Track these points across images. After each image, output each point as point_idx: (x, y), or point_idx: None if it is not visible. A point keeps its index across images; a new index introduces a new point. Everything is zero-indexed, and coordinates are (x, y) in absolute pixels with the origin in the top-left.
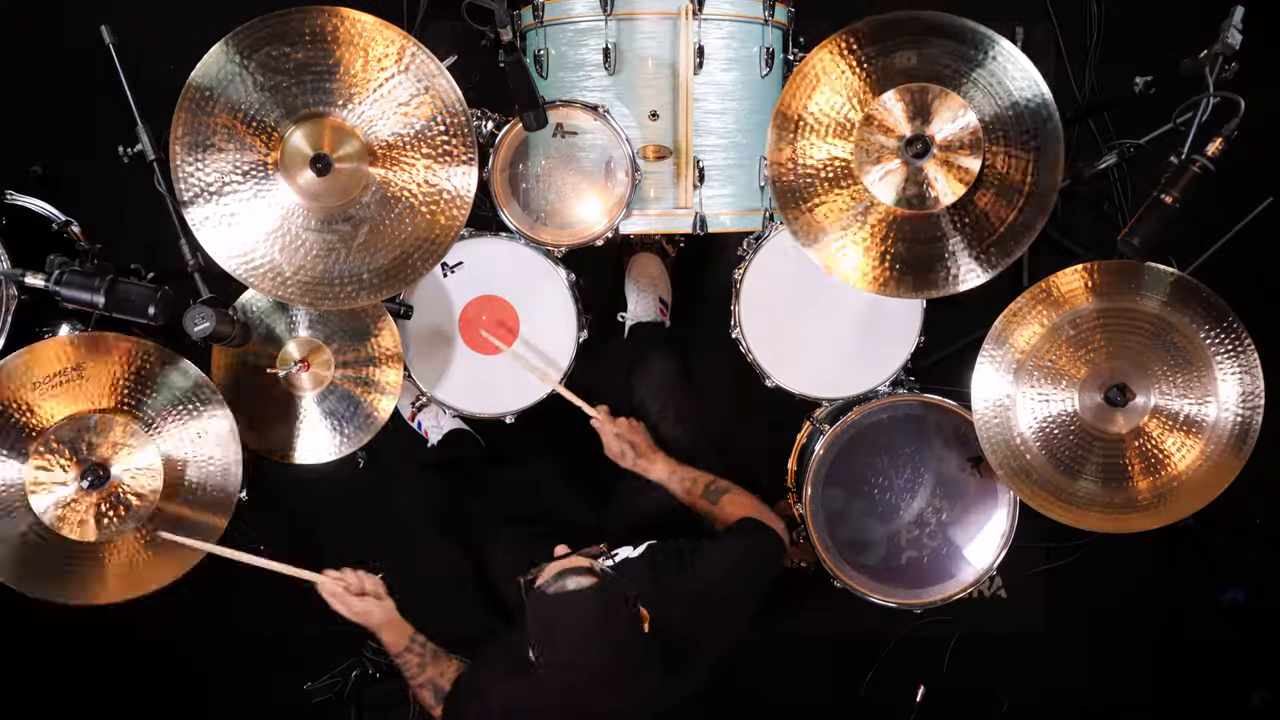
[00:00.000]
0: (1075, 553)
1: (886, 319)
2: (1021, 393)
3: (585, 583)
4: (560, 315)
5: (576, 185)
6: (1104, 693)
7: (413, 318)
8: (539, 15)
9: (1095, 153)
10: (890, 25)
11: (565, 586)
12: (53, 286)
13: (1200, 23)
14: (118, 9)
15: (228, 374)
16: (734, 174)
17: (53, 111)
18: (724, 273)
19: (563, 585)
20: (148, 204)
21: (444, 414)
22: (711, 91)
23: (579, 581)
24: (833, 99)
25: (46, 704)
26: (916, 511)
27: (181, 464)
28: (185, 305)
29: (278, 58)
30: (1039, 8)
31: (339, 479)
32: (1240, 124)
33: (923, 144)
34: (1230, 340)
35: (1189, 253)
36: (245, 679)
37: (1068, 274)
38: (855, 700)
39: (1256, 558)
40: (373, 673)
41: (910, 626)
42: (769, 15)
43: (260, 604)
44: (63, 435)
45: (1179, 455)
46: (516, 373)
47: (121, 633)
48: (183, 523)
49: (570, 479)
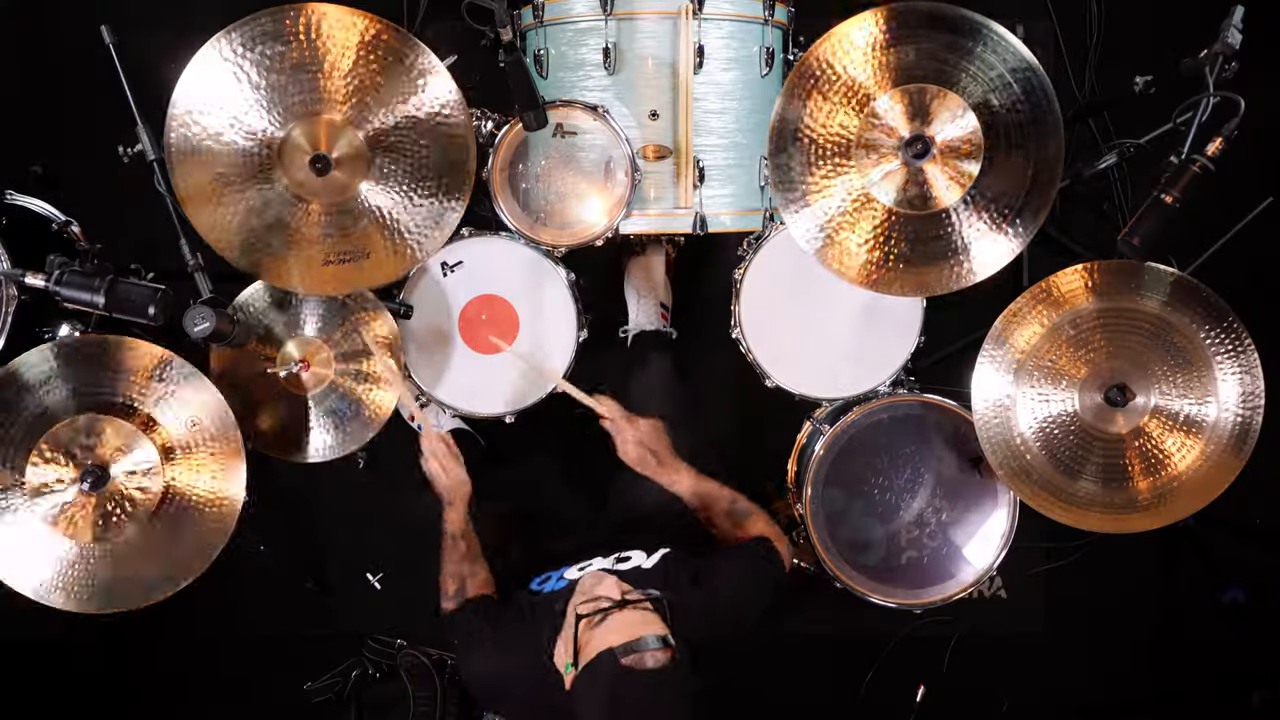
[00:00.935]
0: (1075, 553)
1: (886, 319)
2: (1021, 393)
3: (663, 659)
4: (560, 315)
5: (576, 185)
6: (1104, 693)
7: (413, 318)
8: (539, 15)
9: (1095, 153)
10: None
11: (645, 662)
12: (53, 286)
13: (1200, 23)
14: (118, 9)
15: (227, 374)
16: (734, 174)
17: (53, 111)
18: (724, 273)
19: (642, 660)
20: (148, 204)
21: (444, 414)
22: (711, 91)
23: (657, 659)
24: (848, 74)
25: (46, 704)
26: (916, 512)
27: (182, 458)
28: (185, 305)
29: (272, 56)
30: (1039, 7)
31: (339, 479)
32: (1240, 124)
33: (922, 144)
34: (1230, 340)
35: (1189, 253)
36: (245, 679)
37: (1068, 274)
38: (855, 700)
39: (1256, 558)
40: (373, 673)
41: (910, 626)
42: (769, 15)
43: (260, 604)
44: (60, 438)
45: (1179, 455)
46: (516, 373)
47: (121, 633)
48: (187, 521)
49: (570, 479)
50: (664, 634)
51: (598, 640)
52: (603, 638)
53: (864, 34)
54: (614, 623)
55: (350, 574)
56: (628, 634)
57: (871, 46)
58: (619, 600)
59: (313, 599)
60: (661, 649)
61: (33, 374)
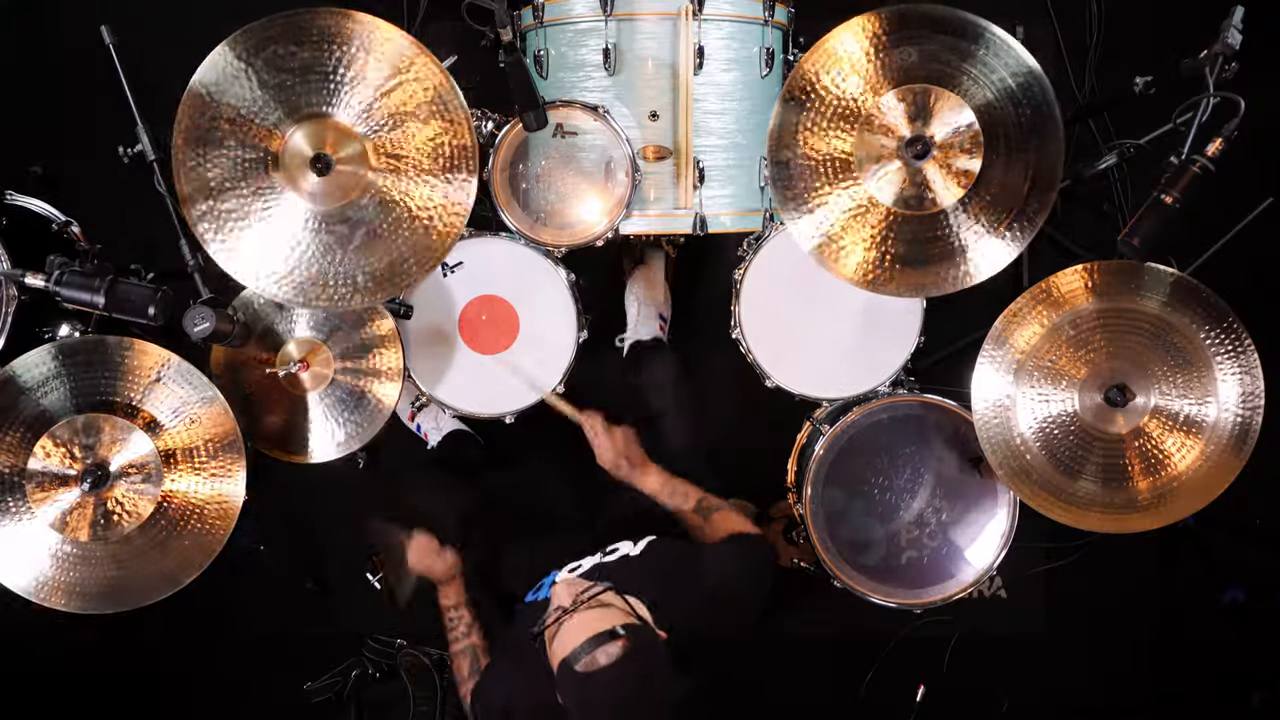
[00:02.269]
0: (1075, 553)
1: (886, 319)
2: (1021, 393)
3: (615, 651)
4: (560, 315)
5: (576, 185)
6: (1104, 693)
7: (413, 318)
8: (539, 15)
9: (1095, 153)
10: (901, 18)
11: (597, 661)
12: (53, 287)
13: (1200, 23)
14: (118, 9)
15: (228, 374)
16: (734, 174)
17: (53, 111)
18: (724, 273)
19: (594, 660)
20: (148, 204)
21: (443, 415)
22: (711, 92)
23: (609, 653)
24: (845, 82)
25: (46, 704)
26: (916, 511)
27: (182, 458)
28: (185, 305)
29: (283, 56)
30: (1039, 8)
31: (339, 479)
32: (1240, 124)
33: (923, 145)
34: (1230, 340)
35: (1189, 253)
36: (245, 679)
37: (1068, 274)
38: (855, 700)
39: (1256, 558)
40: (373, 673)
41: (910, 626)
42: (769, 15)
43: (260, 604)
44: (60, 438)
45: (1179, 455)
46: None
47: (121, 633)
48: (187, 521)
49: (570, 479)
50: (611, 627)
51: (557, 653)
52: (560, 649)
53: (854, 45)
54: (567, 632)
55: (350, 574)
56: (578, 639)
57: (867, 51)
58: (569, 606)
59: (313, 599)
60: (610, 641)
61: (33, 374)
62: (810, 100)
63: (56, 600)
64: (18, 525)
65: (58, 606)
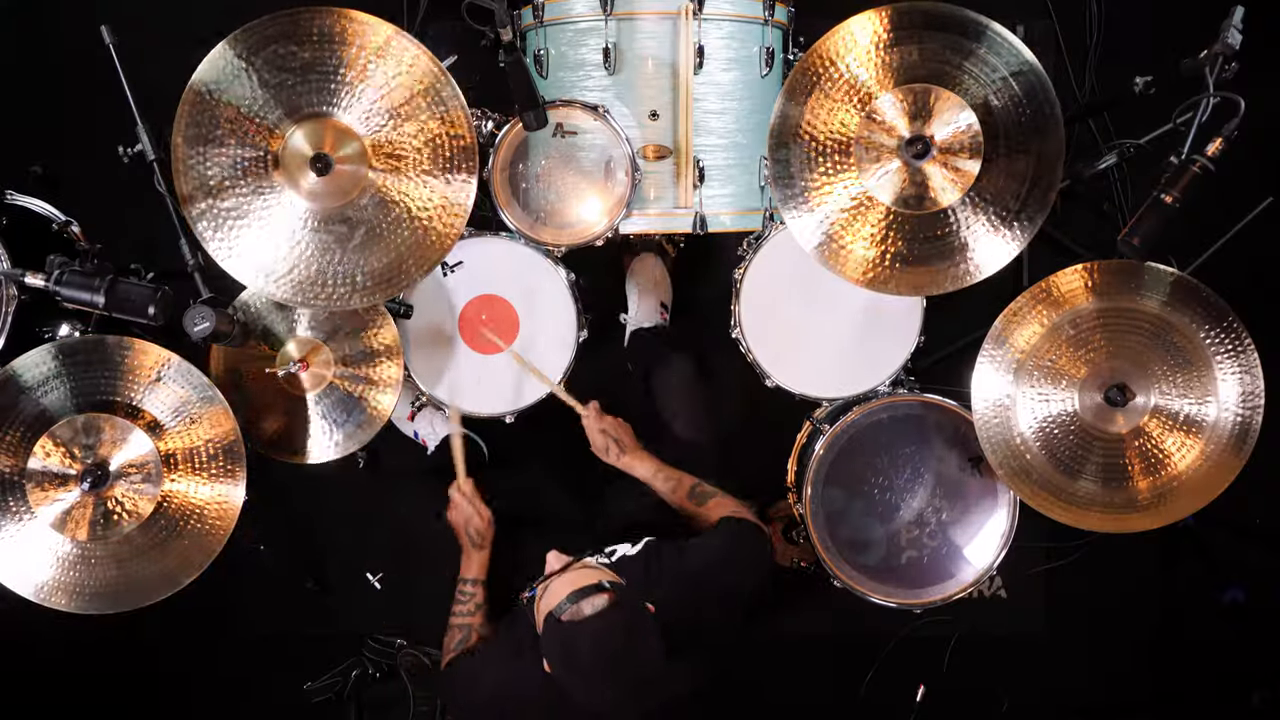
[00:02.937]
0: (1075, 553)
1: (886, 319)
2: (1021, 392)
3: (601, 603)
4: (560, 315)
5: (576, 185)
6: (1104, 693)
7: (413, 317)
8: (539, 15)
9: (1095, 153)
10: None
11: (582, 611)
12: (53, 286)
13: (1200, 23)
14: (118, 9)
15: (227, 374)
16: (734, 174)
17: (53, 111)
18: (724, 273)
19: (579, 610)
20: (148, 204)
21: (439, 419)
22: (711, 91)
23: (594, 604)
24: (858, 68)
25: (46, 704)
26: (916, 511)
27: (182, 458)
28: (185, 305)
29: (284, 56)
30: (1039, 7)
31: (339, 479)
32: (1240, 124)
33: (922, 144)
34: (1230, 340)
35: (1189, 253)
36: (245, 679)
37: (1068, 274)
38: (855, 700)
39: (1256, 558)
40: (373, 673)
41: (910, 626)
42: (769, 15)
43: (260, 604)
44: (60, 438)
45: (1179, 455)
46: (516, 373)
47: (121, 633)
48: (187, 521)
49: (570, 479)
50: (597, 581)
51: (543, 610)
52: (546, 606)
53: (867, 32)
54: (554, 588)
55: (350, 574)
56: (563, 593)
57: (874, 45)
58: (559, 570)
59: (313, 599)
60: (596, 594)
61: (33, 374)
62: (824, 76)
63: (56, 600)
64: (18, 525)
65: (58, 606)
